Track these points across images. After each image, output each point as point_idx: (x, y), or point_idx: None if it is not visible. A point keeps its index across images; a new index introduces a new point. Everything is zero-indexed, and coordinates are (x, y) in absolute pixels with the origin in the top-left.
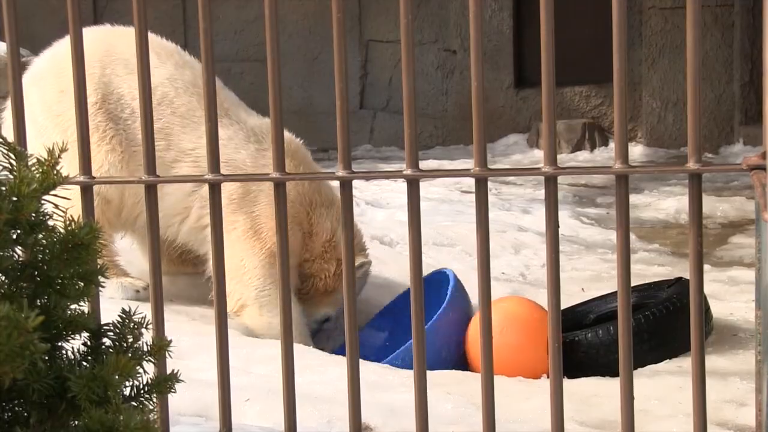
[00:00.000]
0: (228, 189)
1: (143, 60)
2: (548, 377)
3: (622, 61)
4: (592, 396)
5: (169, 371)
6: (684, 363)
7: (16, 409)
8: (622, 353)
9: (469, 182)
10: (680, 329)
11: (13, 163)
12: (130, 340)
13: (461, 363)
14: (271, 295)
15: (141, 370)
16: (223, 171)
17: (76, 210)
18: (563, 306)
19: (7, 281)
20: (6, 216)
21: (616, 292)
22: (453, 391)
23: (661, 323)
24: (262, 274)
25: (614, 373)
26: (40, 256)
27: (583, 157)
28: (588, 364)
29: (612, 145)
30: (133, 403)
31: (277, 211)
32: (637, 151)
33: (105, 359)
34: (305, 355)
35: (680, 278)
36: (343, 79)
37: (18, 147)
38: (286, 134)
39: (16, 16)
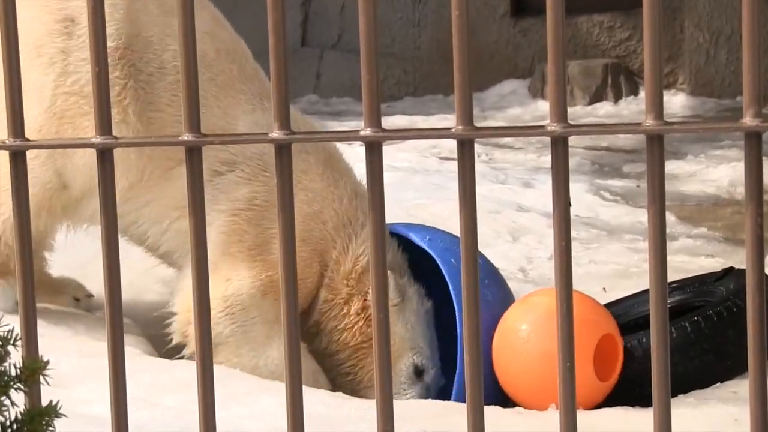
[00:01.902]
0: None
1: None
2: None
3: None
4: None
5: (45, 403)
6: (740, 387)
7: None
8: (656, 377)
9: (451, 145)
10: (742, 340)
11: None
12: None
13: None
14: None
15: (7, 402)
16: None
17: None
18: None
19: None
20: None
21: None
22: (430, 427)
23: (717, 332)
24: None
25: (681, 389)
26: None
27: (604, 110)
28: (628, 379)
29: (643, 94)
30: None
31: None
32: (677, 103)
33: None
34: (230, 380)
35: (731, 269)
36: (279, 6)
37: None
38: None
39: None
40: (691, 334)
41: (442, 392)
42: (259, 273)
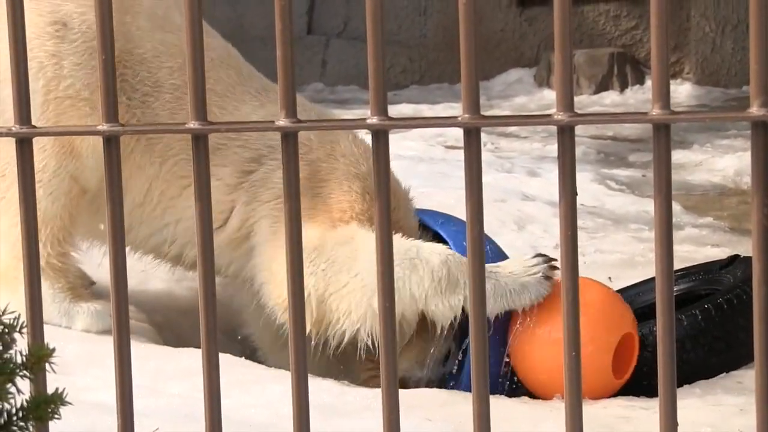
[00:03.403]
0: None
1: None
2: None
3: None
4: (622, 421)
5: (50, 390)
6: (745, 378)
7: None
8: (662, 367)
9: (457, 134)
10: (752, 329)
11: None
12: None
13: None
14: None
15: (13, 389)
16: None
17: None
18: None
19: None
20: None
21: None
22: (435, 416)
23: (727, 320)
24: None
25: (690, 377)
26: None
27: (610, 99)
28: (642, 370)
29: (649, 83)
30: None
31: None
32: (683, 92)
33: None
34: (235, 368)
35: (736, 257)
36: None
37: None
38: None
39: None
40: (702, 322)
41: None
42: (319, 220)
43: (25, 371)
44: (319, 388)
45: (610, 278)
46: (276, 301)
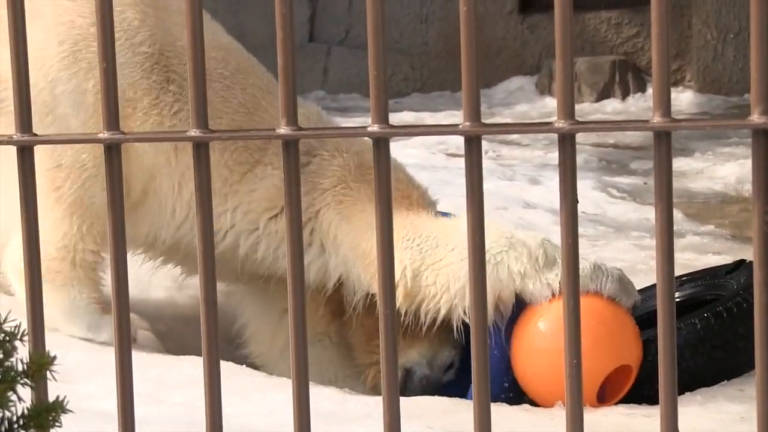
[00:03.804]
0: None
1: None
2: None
3: None
4: (623, 429)
5: (51, 398)
6: (746, 385)
7: None
8: (663, 374)
9: (458, 142)
10: (751, 337)
11: None
12: (0, 356)
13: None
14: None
15: (14, 397)
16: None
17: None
18: None
19: None
20: None
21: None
22: (437, 424)
23: (726, 328)
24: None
25: (689, 386)
26: None
27: (611, 107)
28: (643, 377)
29: (650, 90)
30: None
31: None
32: (685, 99)
33: None
34: (236, 376)
35: (742, 261)
36: (287, 1)
37: None
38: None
39: None
40: (701, 330)
41: (445, 388)
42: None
43: (26, 379)
44: (321, 395)
45: None
46: (371, 281)
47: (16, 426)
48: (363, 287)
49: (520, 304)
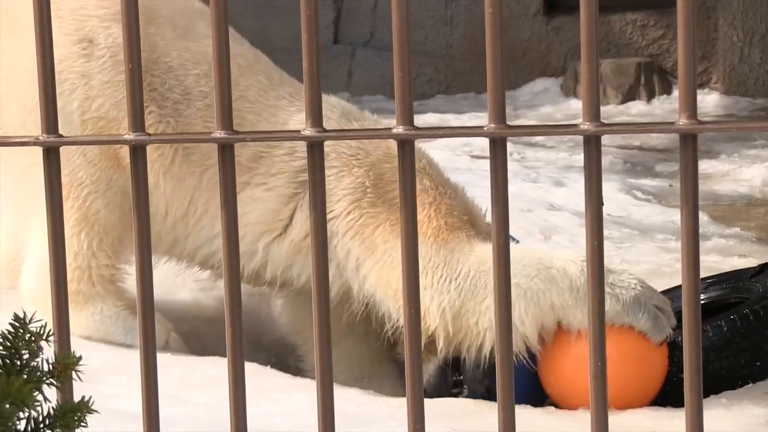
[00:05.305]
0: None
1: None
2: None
3: None
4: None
5: (77, 398)
6: None
7: None
8: (688, 377)
9: (483, 144)
10: None
11: None
12: (26, 356)
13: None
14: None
15: (40, 397)
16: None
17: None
18: None
19: None
20: None
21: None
22: (461, 426)
23: (753, 331)
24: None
25: (714, 389)
26: None
27: (637, 109)
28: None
29: (676, 93)
30: None
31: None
32: (711, 102)
33: None
34: (260, 377)
35: (767, 265)
36: (312, 4)
37: None
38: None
39: None
40: (727, 333)
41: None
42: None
43: (52, 379)
44: (344, 397)
45: None
46: (397, 309)
47: (42, 426)
48: (394, 321)
49: None
